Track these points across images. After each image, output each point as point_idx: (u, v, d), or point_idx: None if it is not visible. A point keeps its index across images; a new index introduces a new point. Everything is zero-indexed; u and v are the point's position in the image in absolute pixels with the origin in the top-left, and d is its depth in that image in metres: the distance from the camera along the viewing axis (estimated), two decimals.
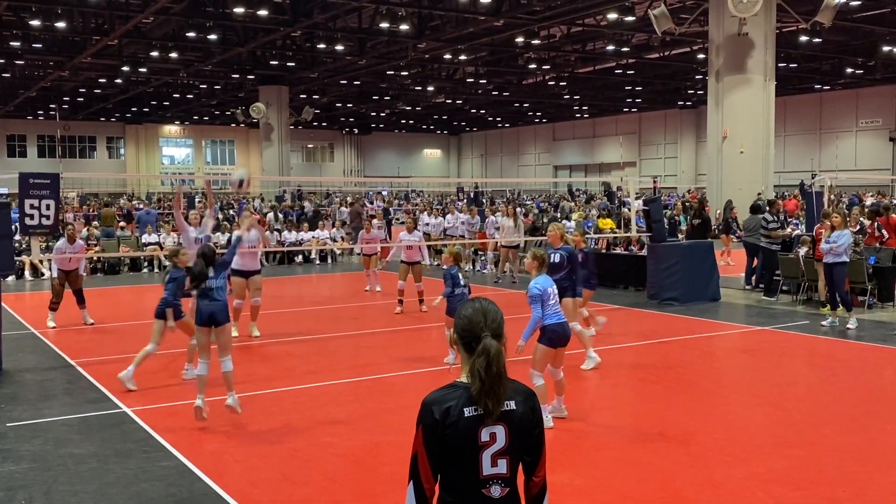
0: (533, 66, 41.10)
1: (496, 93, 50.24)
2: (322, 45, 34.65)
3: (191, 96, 51.66)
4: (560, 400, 7.56)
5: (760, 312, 13.94)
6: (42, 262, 19.36)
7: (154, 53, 35.53)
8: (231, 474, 6.21)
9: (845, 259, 12.11)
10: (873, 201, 29.66)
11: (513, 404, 2.72)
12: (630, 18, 29.70)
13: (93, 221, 25.20)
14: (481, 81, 45.62)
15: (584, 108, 60.65)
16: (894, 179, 45.02)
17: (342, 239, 25.65)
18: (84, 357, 10.61)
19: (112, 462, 6.50)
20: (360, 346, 11.43)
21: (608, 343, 10.92)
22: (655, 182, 32.02)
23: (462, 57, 37.71)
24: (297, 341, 11.81)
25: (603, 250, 19.23)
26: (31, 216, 10.37)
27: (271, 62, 39.56)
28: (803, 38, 32.67)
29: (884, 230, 15.22)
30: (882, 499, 5.70)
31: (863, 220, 16.22)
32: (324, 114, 59.63)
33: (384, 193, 54.16)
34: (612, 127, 65.66)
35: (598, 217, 24.64)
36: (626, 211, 20.48)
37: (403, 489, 2.75)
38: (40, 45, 33.75)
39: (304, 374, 9.71)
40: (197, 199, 32.96)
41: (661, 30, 24.41)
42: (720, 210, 25.39)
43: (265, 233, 14.07)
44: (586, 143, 67.97)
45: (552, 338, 7.17)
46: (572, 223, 24.28)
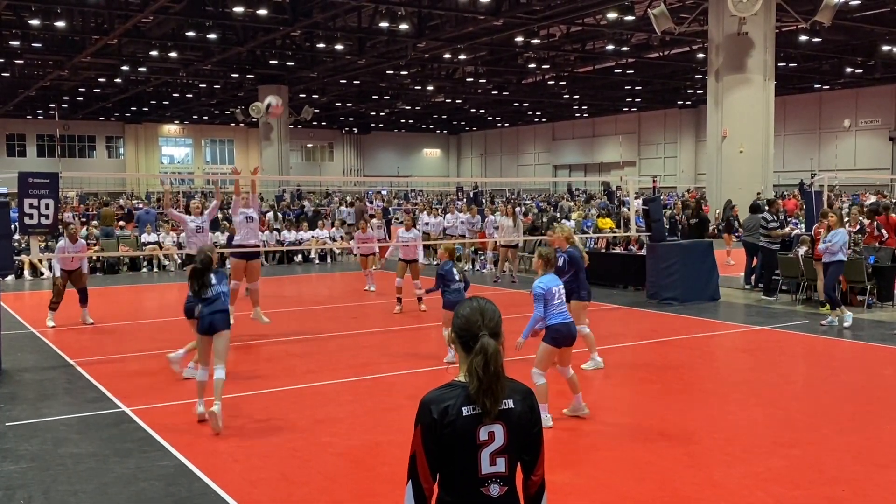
0: (532, 65, 41.09)
1: (496, 92, 50.20)
2: (322, 45, 34.63)
3: (190, 96, 51.65)
4: (579, 398, 7.49)
5: (760, 312, 13.94)
6: (41, 261, 19.36)
7: (153, 53, 35.53)
8: (230, 474, 6.20)
9: (841, 258, 12.13)
10: (873, 200, 29.65)
11: (511, 403, 2.72)
12: (630, 18, 29.67)
13: (92, 221, 25.18)
14: (481, 81, 45.61)
15: (584, 107, 60.65)
16: (894, 179, 45.02)
17: (341, 238, 25.64)
18: (83, 357, 10.61)
19: (111, 461, 6.49)
20: (359, 346, 11.42)
21: (608, 343, 10.92)
22: (655, 182, 32.06)
23: (461, 56, 37.69)
24: (297, 341, 11.80)
25: (602, 250, 19.22)
26: (31, 215, 10.36)
27: (271, 62, 39.55)
28: (803, 38, 32.66)
29: (883, 229, 15.24)
30: (881, 498, 5.70)
31: (862, 219, 16.23)
32: (323, 113, 59.63)
33: (384, 193, 54.15)
34: (611, 126, 65.65)
35: (598, 217, 24.65)
36: (625, 210, 20.47)
37: (402, 488, 2.75)
38: (40, 45, 33.73)
39: (304, 373, 9.70)
40: (193, 201, 32.87)
41: (660, 29, 24.40)
42: (720, 210, 25.38)
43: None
44: (586, 143, 67.96)
45: (556, 337, 7.15)
46: (572, 223, 24.30)
